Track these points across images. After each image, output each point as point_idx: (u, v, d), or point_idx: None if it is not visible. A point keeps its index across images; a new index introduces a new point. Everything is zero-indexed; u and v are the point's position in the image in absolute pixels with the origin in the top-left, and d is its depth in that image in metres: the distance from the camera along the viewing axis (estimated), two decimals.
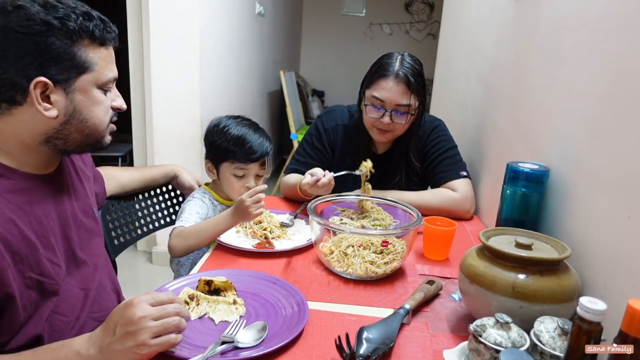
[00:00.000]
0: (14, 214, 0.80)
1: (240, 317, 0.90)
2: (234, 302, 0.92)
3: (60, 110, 0.81)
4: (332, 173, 1.33)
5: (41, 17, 0.77)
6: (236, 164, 1.32)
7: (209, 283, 0.95)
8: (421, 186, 1.58)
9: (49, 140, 0.84)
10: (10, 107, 0.80)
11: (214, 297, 0.92)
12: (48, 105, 0.80)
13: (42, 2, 0.79)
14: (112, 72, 0.88)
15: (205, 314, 0.90)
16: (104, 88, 0.87)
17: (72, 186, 0.98)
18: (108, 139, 0.93)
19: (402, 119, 1.42)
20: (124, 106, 0.93)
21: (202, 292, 0.94)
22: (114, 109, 0.91)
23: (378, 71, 1.43)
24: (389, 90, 1.40)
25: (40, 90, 0.78)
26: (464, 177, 1.52)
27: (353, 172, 1.41)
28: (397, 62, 1.41)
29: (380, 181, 1.48)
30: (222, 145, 1.32)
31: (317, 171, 1.33)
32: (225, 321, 0.88)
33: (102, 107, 0.87)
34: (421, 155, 1.56)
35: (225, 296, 0.94)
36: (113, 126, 0.93)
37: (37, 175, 0.87)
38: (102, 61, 0.85)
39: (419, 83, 1.42)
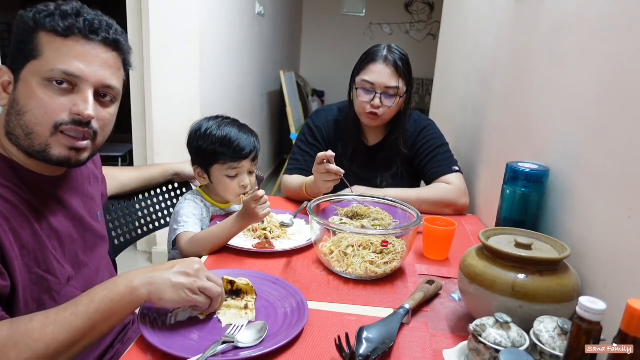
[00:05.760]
0: (27, 211, 0.81)
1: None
2: (245, 307, 0.90)
3: (7, 99, 0.82)
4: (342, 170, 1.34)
5: (33, 13, 0.80)
6: (228, 164, 1.30)
7: (232, 283, 0.94)
8: (413, 180, 1.63)
9: (8, 135, 0.82)
10: None
11: (230, 302, 0.91)
12: (5, 95, 0.81)
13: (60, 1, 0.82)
14: (64, 65, 0.77)
15: (216, 315, 0.89)
16: (51, 80, 0.77)
17: (82, 190, 0.99)
18: (57, 151, 0.80)
19: (391, 102, 1.48)
20: (86, 112, 0.79)
21: (225, 290, 0.92)
22: (72, 113, 0.79)
23: (367, 57, 1.52)
24: (378, 73, 1.48)
25: (3, 79, 0.81)
26: (456, 171, 1.56)
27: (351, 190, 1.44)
28: (385, 49, 1.51)
29: (372, 172, 1.50)
30: (209, 148, 1.28)
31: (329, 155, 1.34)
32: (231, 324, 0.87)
33: (41, 103, 0.77)
34: (412, 153, 1.60)
35: (244, 298, 0.92)
36: (69, 140, 0.80)
37: (45, 176, 0.88)
38: (53, 52, 0.77)
39: (407, 69, 1.50)
